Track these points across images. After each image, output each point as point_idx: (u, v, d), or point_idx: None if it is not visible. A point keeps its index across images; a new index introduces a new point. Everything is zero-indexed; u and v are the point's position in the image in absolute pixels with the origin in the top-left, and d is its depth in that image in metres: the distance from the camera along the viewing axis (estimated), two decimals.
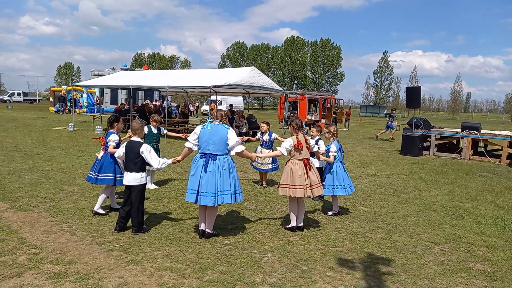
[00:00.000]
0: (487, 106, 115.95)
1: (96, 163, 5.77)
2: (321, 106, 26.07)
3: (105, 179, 5.63)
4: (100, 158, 5.71)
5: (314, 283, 3.87)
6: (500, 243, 5.17)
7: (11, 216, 5.48)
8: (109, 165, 5.66)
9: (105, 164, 5.66)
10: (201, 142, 4.84)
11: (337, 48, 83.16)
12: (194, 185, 4.73)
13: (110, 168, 5.65)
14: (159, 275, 3.88)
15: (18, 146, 12.18)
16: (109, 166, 5.66)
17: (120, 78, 19.91)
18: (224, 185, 4.73)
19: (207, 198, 4.66)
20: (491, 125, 33.22)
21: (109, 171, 5.64)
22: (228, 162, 4.81)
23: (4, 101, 51.21)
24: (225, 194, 4.73)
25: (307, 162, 5.23)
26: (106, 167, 5.65)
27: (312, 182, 5.21)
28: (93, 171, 5.74)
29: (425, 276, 4.11)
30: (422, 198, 7.47)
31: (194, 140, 4.91)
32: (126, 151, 5.07)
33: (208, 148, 4.78)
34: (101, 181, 5.65)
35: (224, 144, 4.78)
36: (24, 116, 25.85)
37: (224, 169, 4.75)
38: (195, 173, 4.77)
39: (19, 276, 3.76)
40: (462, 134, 13.39)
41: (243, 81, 15.18)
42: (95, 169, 5.71)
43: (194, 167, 4.82)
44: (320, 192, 5.35)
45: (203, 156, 4.79)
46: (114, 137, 5.70)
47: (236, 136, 4.91)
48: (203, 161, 4.75)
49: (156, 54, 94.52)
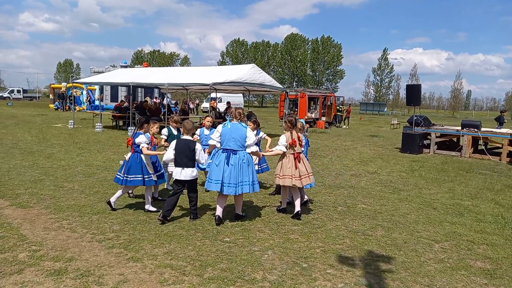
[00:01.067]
0: (487, 104, 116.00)
1: (124, 164, 5.80)
2: (321, 103, 26.06)
3: (134, 180, 5.71)
4: (128, 160, 5.74)
5: (314, 280, 3.87)
6: (500, 241, 5.17)
7: (12, 213, 5.48)
8: (136, 166, 5.72)
9: (133, 166, 5.71)
10: (223, 139, 5.41)
11: (338, 45, 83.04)
12: (218, 176, 5.32)
13: (138, 169, 5.72)
14: (159, 272, 3.89)
15: (18, 143, 12.18)
16: (137, 167, 5.72)
17: (120, 75, 19.87)
18: (243, 177, 5.35)
19: (230, 188, 5.29)
20: (491, 123, 33.18)
21: (138, 172, 5.71)
22: (246, 156, 5.43)
23: (4, 98, 51.13)
24: (244, 184, 5.36)
25: (297, 156, 5.80)
26: (134, 168, 5.71)
27: (301, 173, 5.78)
28: (121, 173, 5.77)
29: (425, 273, 4.12)
30: (422, 196, 7.47)
31: (217, 137, 5.46)
32: (179, 149, 5.33)
33: (229, 144, 5.37)
34: (130, 182, 5.70)
35: (243, 141, 5.38)
36: (24, 113, 25.84)
37: (244, 163, 5.37)
38: (218, 165, 5.35)
39: (20, 273, 3.77)
40: (462, 132, 13.39)
41: (243, 78, 15.15)
42: (123, 170, 5.75)
43: (217, 160, 5.40)
44: (309, 181, 5.87)
45: (224, 151, 5.39)
46: (143, 138, 5.71)
47: (253, 136, 5.51)
48: (225, 155, 5.35)
49: (156, 51, 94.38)
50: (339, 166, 10.47)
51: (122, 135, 15.70)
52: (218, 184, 5.30)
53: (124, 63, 36.63)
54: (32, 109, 31.42)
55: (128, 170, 5.70)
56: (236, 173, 5.29)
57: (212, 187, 5.34)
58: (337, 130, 23.43)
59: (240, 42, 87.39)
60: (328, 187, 7.92)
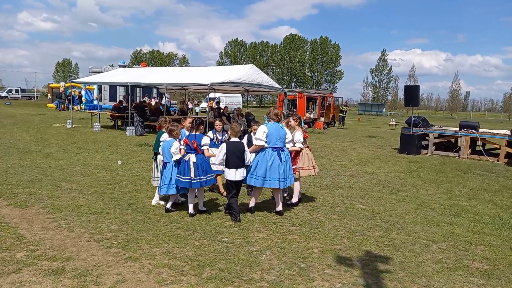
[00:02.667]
0: (486, 105, 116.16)
1: (188, 167, 5.58)
2: (319, 104, 26.07)
3: (211, 179, 5.84)
4: (196, 161, 5.59)
5: (312, 280, 3.87)
6: (498, 241, 5.19)
7: (9, 213, 5.47)
8: (210, 166, 5.87)
9: (208, 165, 5.83)
10: (270, 138, 5.79)
11: (336, 46, 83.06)
12: (275, 174, 5.72)
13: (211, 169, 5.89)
14: (157, 272, 3.88)
15: (16, 142, 12.15)
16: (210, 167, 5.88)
17: (119, 75, 19.82)
18: (290, 170, 5.97)
19: (283, 182, 5.78)
20: (489, 124, 33.29)
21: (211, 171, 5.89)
22: (288, 153, 5.98)
23: (2, 98, 51.01)
24: (291, 177, 5.98)
25: (309, 148, 6.73)
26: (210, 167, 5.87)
27: (313, 162, 6.68)
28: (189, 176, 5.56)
29: (423, 274, 4.13)
30: (420, 197, 7.49)
31: (264, 137, 5.77)
32: (231, 152, 5.56)
33: (277, 143, 5.83)
34: (209, 181, 5.82)
35: (285, 139, 5.96)
36: (22, 113, 25.77)
37: (289, 158, 5.98)
38: (273, 163, 5.73)
39: (17, 272, 3.76)
40: (461, 132, 13.41)
41: (241, 78, 15.13)
42: (195, 173, 5.57)
43: (270, 159, 5.75)
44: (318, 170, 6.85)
45: (274, 150, 5.81)
46: (207, 139, 5.84)
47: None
48: (277, 153, 5.80)
49: (155, 51, 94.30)
50: (337, 167, 10.49)
51: (120, 135, 15.68)
52: (277, 181, 5.73)
53: (123, 63, 36.57)
54: (30, 109, 31.34)
55: (205, 170, 5.66)
56: (287, 168, 5.86)
57: (272, 184, 5.75)
58: (336, 131, 23.45)
59: (238, 43, 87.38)
60: (326, 188, 7.93)
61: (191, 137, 5.67)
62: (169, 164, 5.75)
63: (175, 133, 5.77)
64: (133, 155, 10.90)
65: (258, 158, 5.84)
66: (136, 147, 12.50)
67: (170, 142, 5.69)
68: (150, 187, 7.25)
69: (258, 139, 5.79)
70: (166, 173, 5.76)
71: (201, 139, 5.67)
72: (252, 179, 5.80)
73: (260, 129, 5.86)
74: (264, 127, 5.85)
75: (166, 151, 5.73)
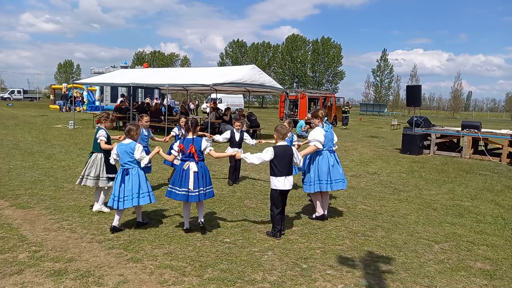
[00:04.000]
0: (488, 104, 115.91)
1: (187, 176, 4.89)
2: (321, 104, 26.05)
3: (212, 192, 5.11)
4: (197, 170, 4.86)
5: (314, 281, 3.87)
6: (500, 241, 5.17)
7: (12, 214, 5.49)
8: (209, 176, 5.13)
9: (208, 175, 5.12)
10: (326, 141, 5.64)
11: (338, 46, 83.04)
12: (339, 175, 5.73)
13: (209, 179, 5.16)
14: (159, 273, 3.89)
15: (19, 143, 12.18)
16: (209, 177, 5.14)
17: (120, 76, 19.88)
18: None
19: (338, 184, 5.73)
20: (491, 124, 33.20)
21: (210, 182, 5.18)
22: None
23: (4, 99, 51.18)
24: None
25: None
26: (209, 178, 5.12)
27: None
28: (187, 188, 4.85)
29: (425, 274, 4.12)
30: (422, 197, 7.47)
31: (323, 140, 5.61)
32: (281, 157, 4.88)
33: (330, 145, 5.78)
34: (209, 194, 5.05)
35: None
36: (24, 114, 25.84)
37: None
38: (334, 165, 5.69)
39: (20, 273, 3.77)
40: (463, 132, 13.38)
41: (243, 79, 15.15)
42: (194, 184, 4.85)
43: (327, 161, 5.64)
44: None
45: (331, 152, 5.76)
46: (206, 142, 5.12)
47: None
48: (334, 156, 5.76)
49: (157, 52, 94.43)
50: None
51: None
52: (340, 182, 5.74)
53: (124, 63, 36.65)
54: (33, 110, 31.43)
55: (206, 181, 4.92)
56: (340, 170, 5.82)
57: (323, 188, 5.63)
58: (338, 131, 23.39)
59: (239, 43, 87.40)
60: None
61: (187, 141, 4.85)
62: (133, 170, 4.91)
63: (134, 134, 5.01)
64: None
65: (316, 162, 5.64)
66: None
67: (131, 145, 4.90)
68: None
69: (318, 140, 5.52)
70: (131, 181, 4.86)
71: (200, 142, 4.90)
72: (324, 185, 5.60)
73: (318, 131, 5.57)
74: (322, 130, 5.61)
75: (126, 155, 4.90)
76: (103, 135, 5.71)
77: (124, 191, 4.84)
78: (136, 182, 4.89)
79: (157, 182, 7.78)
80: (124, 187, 4.85)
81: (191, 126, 4.93)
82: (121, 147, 4.97)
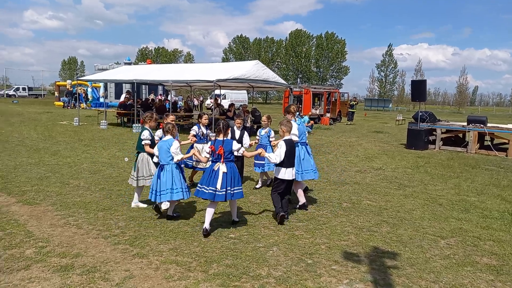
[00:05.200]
0: (494, 99, 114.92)
1: (216, 176, 4.96)
2: (325, 100, 25.95)
3: (240, 192, 5.15)
4: (226, 171, 4.94)
5: (319, 276, 3.87)
6: (507, 237, 5.14)
7: (18, 210, 5.53)
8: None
9: (238, 176, 5.23)
10: (299, 134, 6.11)
11: (342, 41, 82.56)
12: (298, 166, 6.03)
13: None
14: (164, 268, 3.91)
15: (24, 140, 12.26)
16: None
17: (124, 72, 19.91)
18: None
19: (309, 174, 6.28)
20: (497, 119, 32.95)
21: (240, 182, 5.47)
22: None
23: (10, 96, 51.48)
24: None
25: None
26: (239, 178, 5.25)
27: None
28: (215, 187, 4.92)
29: (431, 270, 4.10)
30: (428, 192, 7.44)
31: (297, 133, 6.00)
32: (291, 149, 5.38)
33: (303, 138, 6.39)
34: (237, 195, 5.09)
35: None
36: (30, 111, 25.99)
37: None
38: (305, 157, 6.22)
39: (27, 269, 3.80)
40: (468, 127, 13.29)
41: (247, 75, 15.10)
42: (222, 184, 4.93)
43: (301, 154, 6.16)
44: None
45: (303, 144, 6.30)
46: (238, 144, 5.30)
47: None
48: (305, 148, 6.34)
49: (161, 48, 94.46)
50: (344, 163, 10.45)
51: (126, 132, 15.75)
52: (311, 173, 6.30)
53: (128, 60, 36.71)
54: (38, 107, 31.60)
55: (234, 182, 4.96)
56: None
57: (310, 176, 6.28)
58: (342, 127, 23.34)
59: (242, 38, 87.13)
60: (333, 184, 7.91)
61: (217, 143, 4.93)
62: (168, 166, 5.22)
63: (174, 130, 5.34)
64: None
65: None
66: None
67: (169, 142, 5.23)
68: None
69: (294, 134, 5.73)
70: (165, 176, 5.17)
71: (232, 144, 4.98)
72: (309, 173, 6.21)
73: (293, 125, 5.73)
74: (295, 123, 6.04)
75: (163, 151, 5.22)
76: (147, 138, 5.69)
77: (160, 185, 5.21)
78: (170, 177, 5.21)
79: None
80: (160, 182, 5.22)
81: (222, 128, 4.98)
82: (161, 143, 5.32)
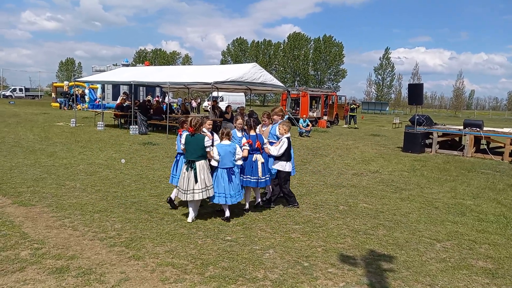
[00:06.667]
0: (490, 103, 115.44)
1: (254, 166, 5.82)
2: (323, 102, 26.00)
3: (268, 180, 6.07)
4: (255, 161, 5.81)
5: (315, 279, 3.87)
6: (502, 240, 5.16)
7: (14, 211, 5.50)
8: None
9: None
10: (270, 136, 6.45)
11: (340, 44, 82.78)
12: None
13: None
14: (160, 271, 3.89)
15: (20, 141, 12.21)
16: None
17: (122, 74, 19.88)
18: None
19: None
20: (493, 123, 33.09)
21: None
22: None
23: (6, 97, 51.27)
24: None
25: None
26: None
27: None
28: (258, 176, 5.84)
29: (427, 273, 4.11)
30: (424, 195, 7.46)
31: None
32: (290, 145, 6.12)
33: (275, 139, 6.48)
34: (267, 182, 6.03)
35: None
36: (26, 112, 25.89)
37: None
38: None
39: (22, 271, 3.78)
40: (465, 131, 13.35)
41: (244, 77, 15.12)
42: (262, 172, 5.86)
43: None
44: None
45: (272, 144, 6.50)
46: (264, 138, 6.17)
47: None
48: None
49: (159, 50, 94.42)
50: (340, 165, 10.46)
51: (123, 134, 15.72)
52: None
53: (126, 61, 36.66)
54: (34, 108, 31.48)
55: (268, 169, 5.94)
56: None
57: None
58: (339, 130, 23.38)
59: (240, 41, 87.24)
60: (329, 186, 7.92)
61: (252, 138, 5.82)
62: (235, 169, 5.52)
63: (229, 136, 5.59)
64: (137, 154, 10.92)
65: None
66: (140, 146, 12.52)
67: (233, 146, 5.50)
68: (153, 186, 7.27)
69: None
70: (235, 180, 5.49)
71: (262, 138, 5.97)
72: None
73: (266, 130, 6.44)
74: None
75: (228, 155, 5.41)
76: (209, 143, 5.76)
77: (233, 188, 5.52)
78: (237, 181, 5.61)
79: (165, 181, 7.79)
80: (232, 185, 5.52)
81: (253, 124, 5.91)
82: (224, 147, 5.47)
